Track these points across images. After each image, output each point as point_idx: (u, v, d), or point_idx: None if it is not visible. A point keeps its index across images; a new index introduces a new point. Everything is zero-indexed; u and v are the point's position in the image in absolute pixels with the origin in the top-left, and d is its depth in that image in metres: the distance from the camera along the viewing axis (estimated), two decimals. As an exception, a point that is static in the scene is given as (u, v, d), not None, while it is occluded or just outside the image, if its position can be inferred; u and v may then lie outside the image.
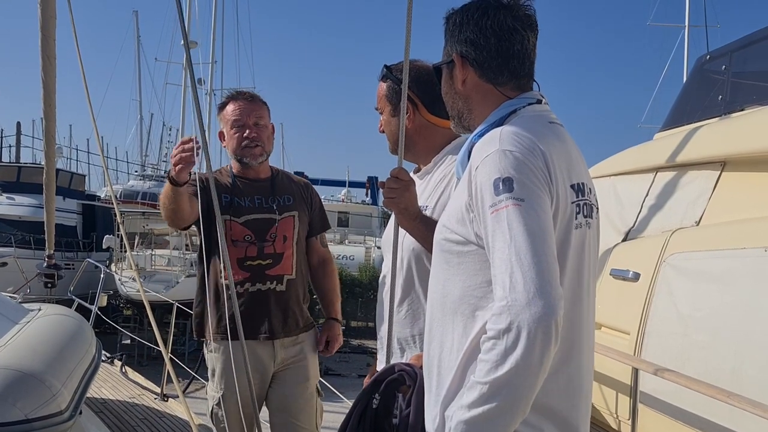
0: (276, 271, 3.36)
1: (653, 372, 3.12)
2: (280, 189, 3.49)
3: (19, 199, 28.44)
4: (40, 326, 3.72)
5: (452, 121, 1.97)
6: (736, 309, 2.99)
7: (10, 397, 2.67)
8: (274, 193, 3.46)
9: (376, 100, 2.61)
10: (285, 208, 3.44)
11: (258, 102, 3.44)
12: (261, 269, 3.33)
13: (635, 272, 3.69)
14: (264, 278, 3.33)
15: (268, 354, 3.35)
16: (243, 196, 3.39)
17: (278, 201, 3.44)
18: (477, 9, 1.82)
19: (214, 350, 3.36)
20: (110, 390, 6.54)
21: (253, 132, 3.36)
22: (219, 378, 3.34)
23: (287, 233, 3.41)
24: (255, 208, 3.38)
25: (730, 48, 4.53)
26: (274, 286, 3.34)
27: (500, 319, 1.47)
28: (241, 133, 3.36)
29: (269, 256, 3.34)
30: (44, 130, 5.77)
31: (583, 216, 1.72)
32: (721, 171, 3.59)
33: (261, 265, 3.33)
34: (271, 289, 3.34)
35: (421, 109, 2.48)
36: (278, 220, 3.39)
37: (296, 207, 3.48)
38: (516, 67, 1.82)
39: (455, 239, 1.70)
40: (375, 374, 2.20)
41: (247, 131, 3.36)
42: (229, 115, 3.38)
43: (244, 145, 3.36)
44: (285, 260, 3.38)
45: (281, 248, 3.37)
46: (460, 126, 1.94)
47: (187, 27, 2.94)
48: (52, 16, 4.92)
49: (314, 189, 3.72)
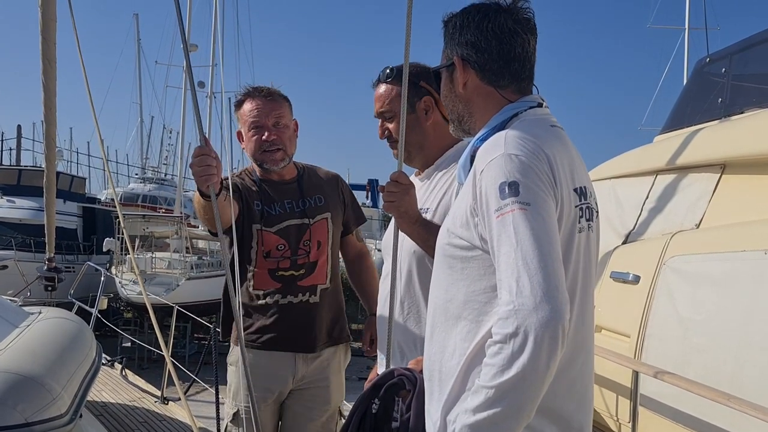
0: (309, 281, 3.15)
1: (653, 375, 3.12)
2: (308, 189, 3.24)
3: (19, 202, 28.42)
4: (41, 330, 3.73)
5: (452, 124, 1.96)
6: (736, 312, 2.99)
7: (11, 401, 2.67)
8: (303, 195, 3.21)
9: (379, 105, 2.56)
10: (317, 210, 3.21)
11: (277, 99, 3.14)
12: (293, 279, 3.12)
13: (635, 275, 3.68)
14: (296, 290, 3.12)
15: (287, 369, 3.13)
16: (272, 203, 3.15)
17: (308, 203, 3.20)
18: (477, 12, 1.82)
19: (233, 362, 3.19)
20: (110, 393, 6.54)
21: (272, 134, 3.08)
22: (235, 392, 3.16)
23: (321, 238, 3.19)
24: (286, 213, 3.15)
25: (730, 51, 4.53)
26: (306, 298, 3.14)
27: (507, 323, 1.46)
28: (259, 136, 3.09)
29: (302, 266, 3.13)
30: (45, 134, 5.76)
31: (586, 220, 1.72)
32: (721, 174, 3.59)
33: (294, 275, 3.12)
34: (303, 302, 3.13)
35: (440, 104, 2.42)
36: (311, 225, 3.17)
37: (329, 207, 3.24)
38: (517, 69, 1.82)
39: (460, 244, 1.69)
40: (375, 378, 2.20)
41: (265, 134, 3.08)
42: (246, 116, 3.11)
43: (263, 149, 3.10)
44: (319, 269, 3.17)
45: (315, 256, 3.16)
46: (460, 129, 1.94)
47: (187, 31, 2.93)
48: (53, 19, 4.92)
49: (344, 181, 3.46)
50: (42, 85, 5.18)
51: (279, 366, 3.14)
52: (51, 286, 6.56)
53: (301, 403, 3.20)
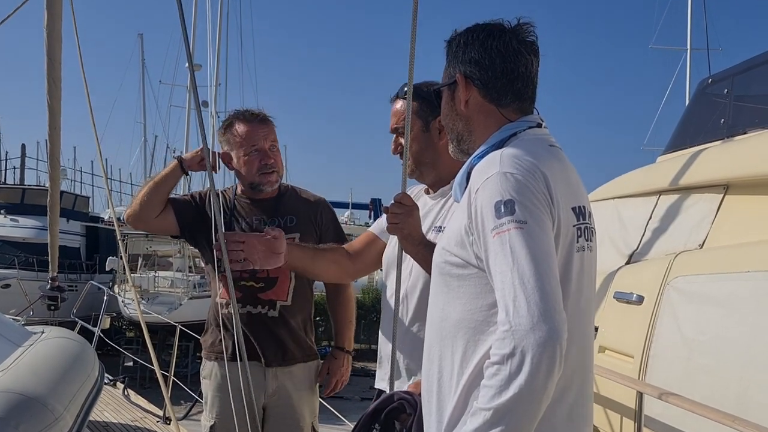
0: (268, 296, 3.17)
1: (658, 396, 3.10)
2: (283, 209, 3.28)
3: (23, 220, 28.46)
4: (43, 349, 3.72)
5: (450, 144, 1.95)
6: (740, 332, 2.98)
7: (13, 421, 2.66)
8: (277, 214, 3.25)
9: (395, 120, 2.55)
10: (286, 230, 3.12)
11: (269, 123, 3.24)
12: (253, 291, 3.15)
13: (639, 295, 3.68)
14: (255, 301, 3.16)
15: (258, 382, 3.10)
16: (240, 218, 3.23)
17: (278, 221, 3.22)
18: (482, 30, 1.83)
19: (206, 375, 3.25)
20: (112, 413, 6.51)
21: (270, 158, 3.18)
22: (211, 405, 3.22)
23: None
24: (252, 230, 3.16)
25: (732, 71, 4.55)
26: (266, 311, 3.17)
27: (504, 344, 1.45)
28: (258, 160, 3.16)
29: (261, 280, 3.16)
30: (49, 153, 5.77)
31: (585, 239, 1.71)
32: (724, 194, 3.59)
33: (254, 287, 3.15)
34: (263, 314, 3.16)
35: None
36: None
37: (299, 228, 3.24)
38: (520, 89, 1.82)
39: (455, 262, 1.69)
40: (374, 403, 2.18)
41: (265, 157, 3.17)
42: (241, 138, 3.15)
43: (262, 171, 3.17)
44: (279, 285, 3.19)
45: (275, 273, 3.14)
46: (459, 150, 1.92)
47: (191, 50, 2.93)
48: (58, 39, 4.95)
49: (327, 205, 3.48)
50: (47, 104, 5.21)
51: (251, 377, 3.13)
52: (54, 305, 6.57)
53: (273, 419, 3.22)
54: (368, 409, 2.13)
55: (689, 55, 36.59)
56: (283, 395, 3.20)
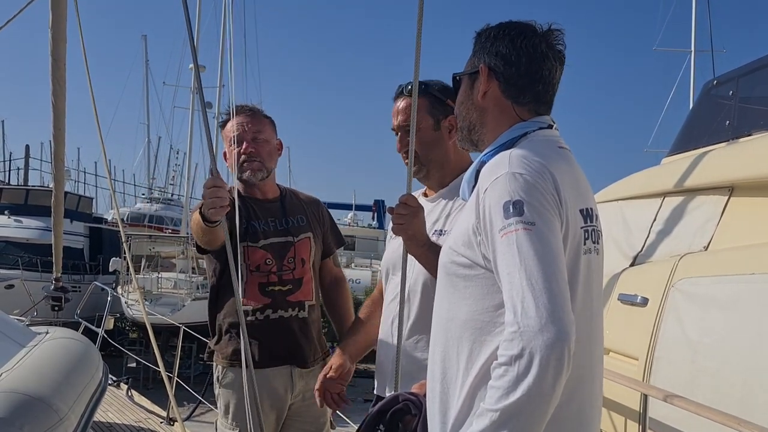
0: (297, 297, 3.18)
1: (662, 398, 3.10)
2: (291, 210, 3.30)
3: (26, 221, 28.48)
4: (47, 350, 3.72)
5: (460, 132, 1.94)
6: (745, 334, 2.97)
7: (18, 421, 2.66)
8: (286, 215, 3.27)
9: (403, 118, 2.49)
10: (300, 230, 3.26)
11: (259, 116, 3.23)
12: (282, 295, 3.15)
13: (643, 297, 3.67)
14: (285, 305, 3.15)
15: (285, 384, 3.14)
16: (257, 219, 3.19)
17: (291, 222, 3.25)
18: (514, 28, 1.83)
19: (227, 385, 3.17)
20: (116, 413, 6.53)
21: (250, 147, 3.15)
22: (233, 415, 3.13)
23: (305, 256, 3.23)
24: (271, 231, 3.19)
25: (737, 73, 4.54)
26: (296, 313, 3.17)
27: (512, 345, 1.44)
28: (238, 149, 3.15)
29: (289, 282, 3.16)
30: (53, 154, 5.78)
31: (592, 242, 1.71)
32: (729, 196, 3.59)
33: (282, 291, 3.15)
34: (293, 316, 3.16)
35: None
36: (295, 243, 3.22)
37: (310, 228, 3.29)
38: (540, 91, 1.82)
39: (462, 262, 1.68)
40: (379, 404, 2.17)
41: (244, 145, 3.14)
42: (228, 132, 3.18)
43: (241, 160, 3.16)
44: (305, 285, 3.22)
45: (300, 273, 3.20)
46: (467, 139, 1.92)
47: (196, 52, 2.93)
48: (63, 40, 4.95)
49: (323, 205, 3.53)
50: (52, 105, 5.20)
51: (278, 382, 3.14)
52: (58, 305, 6.57)
53: (299, 417, 3.23)
54: (373, 410, 2.11)
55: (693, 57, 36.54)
56: (308, 395, 3.17)
